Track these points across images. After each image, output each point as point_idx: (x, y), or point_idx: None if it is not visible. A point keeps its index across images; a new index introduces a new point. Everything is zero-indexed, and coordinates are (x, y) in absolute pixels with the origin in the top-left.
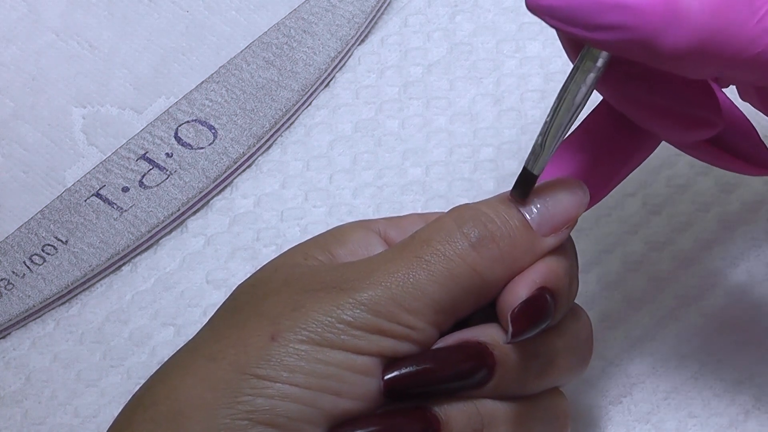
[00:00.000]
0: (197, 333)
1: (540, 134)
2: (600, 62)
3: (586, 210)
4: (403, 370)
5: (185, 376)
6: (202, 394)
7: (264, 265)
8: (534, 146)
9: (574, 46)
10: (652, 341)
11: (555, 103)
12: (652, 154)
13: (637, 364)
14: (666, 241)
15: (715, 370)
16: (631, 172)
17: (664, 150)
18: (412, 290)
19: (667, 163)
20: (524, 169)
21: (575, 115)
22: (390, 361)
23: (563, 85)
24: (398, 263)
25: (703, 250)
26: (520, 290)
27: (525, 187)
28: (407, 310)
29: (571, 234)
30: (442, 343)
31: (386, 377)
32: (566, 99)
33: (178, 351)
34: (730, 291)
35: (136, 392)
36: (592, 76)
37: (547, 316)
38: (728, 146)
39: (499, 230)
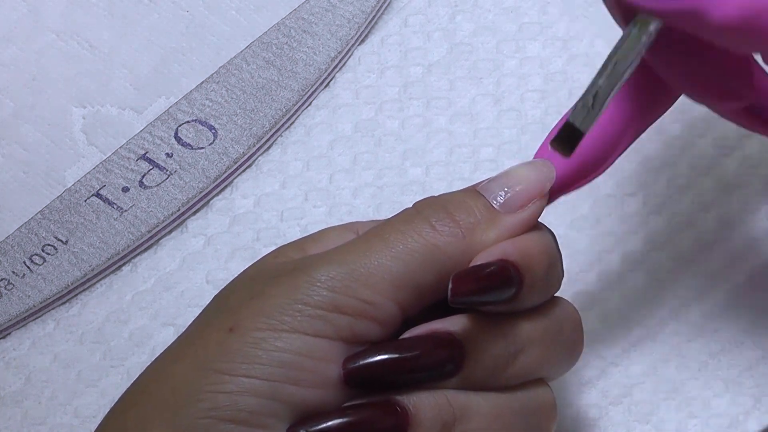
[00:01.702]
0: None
1: (588, 93)
2: (652, 29)
3: (605, 168)
4: (365, 360)
5: (150, 382)
6: (165, 397)
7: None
8: (583, 105)
9: (625, 12)
10: (652, 341)
11: (605, 66)
12: (652, 154)
13: (637, 364)
14: (666, 241)
15: (715, 370)
16: (644, 129)
17: (664, 150)
18: (369, 265)
19: (667, 163)
20: (569, 124)
21: (624, 79)
22: (353, 353)
23: (614, 50)
24: (357, 244)
25: (703, 250)
26: (477, 259)
27: (572, 142)
28: (364, 285)
29: (572, 233)
30: (409, 334)
31: (348, 367)
32: (618, 63)
33: (153, 360)
34: (731, 291)
35: (114, 404)
36: (644, 41)
37: (500, 285)
38: (756, 109)
39: (459, 211)
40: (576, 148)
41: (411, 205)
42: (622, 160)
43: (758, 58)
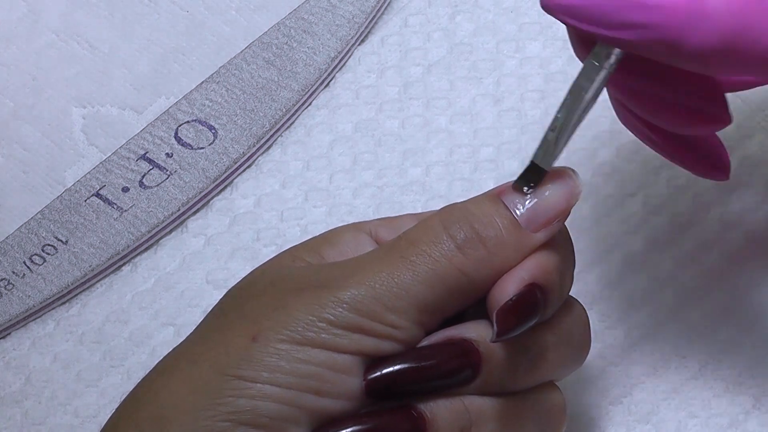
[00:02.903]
0: (185, 338)
1: (550, 129)
2: (613, 59)
3: None
4: (385, 370)
5: (168, 381)
6: (183, 398)
7: (254, 269)
8: (544, 141)
9: (584, 43)
10: (652, 341)
11: (566, 99)
12: (652, 154)
13: (637, 364)
14: (666, 241)
15: (715, 370)
16: None
17: None
18: (396, 290)
19: (667, 163)
20: (533, 163)
21: (587, 112)
22: (372, 361)
23: (575, 82)
24: (383, 263)
25: (704, 251)
26: (508, 288)
27: (534, 181)
28: (390, 310)
29: (571, 234)
30: (427, 342)
31: (368, 377)
32: (579, 96)
33: (164, 357)
34: (731, 291)
35: (124, 399)
36: (604, 73)
37: (535, 312)
38: (693, 146)
39: (486, 231)
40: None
41: (437, 214)
42: (621, 160)
43: None
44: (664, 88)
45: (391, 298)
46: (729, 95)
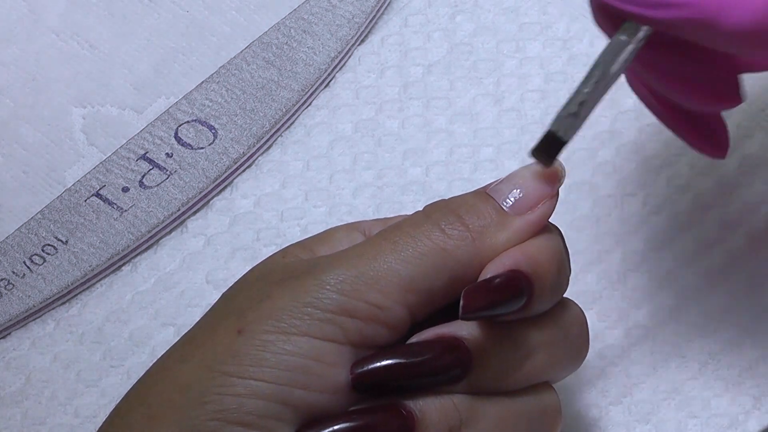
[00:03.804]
0: (179, 338)
1: (572, 102)
2: (642, 35)
3: None
4: (373, 365)
5: (158, 380)
6: (172, 397)
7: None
8: (566, 113)
9: (612, 19)
10: (652, 341)
11: (591, 73)
12: (652, 154)
13: (637, 364)
14: (666, 241)
15: (715, 370)
16: None
17: (664, 150)
18: (378, 268)
19: (667, 163)
20: (551, 133)
21: (610, 87)
22: (361, 357)
23: (601, 57)
24: (366, 247)
25: (703, 251)
26: (487, 270)
27: (553, 152)
28: (373, 288)
29: (571, 234)
30: (416, 338)
31: (356, 371)
32: (605, 71)
33: (158, 358)
34: (731, 291)
35: (120, 400)
36: (632, 48)
37: (512, 298)
38: (697, 121)
39: (468, 215)
40: (556, 159)
41: (421, 209)
42: (622, 160)
43: None
44: (683, 65)
45: (373, 278)
46: None
